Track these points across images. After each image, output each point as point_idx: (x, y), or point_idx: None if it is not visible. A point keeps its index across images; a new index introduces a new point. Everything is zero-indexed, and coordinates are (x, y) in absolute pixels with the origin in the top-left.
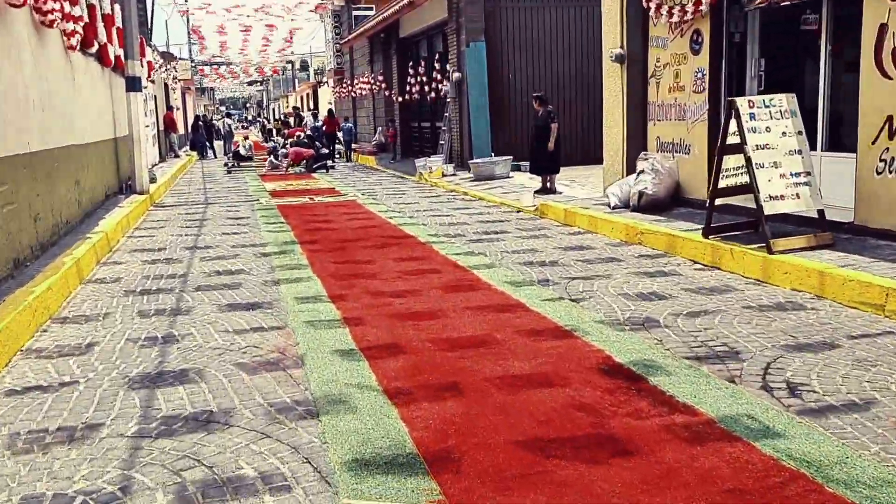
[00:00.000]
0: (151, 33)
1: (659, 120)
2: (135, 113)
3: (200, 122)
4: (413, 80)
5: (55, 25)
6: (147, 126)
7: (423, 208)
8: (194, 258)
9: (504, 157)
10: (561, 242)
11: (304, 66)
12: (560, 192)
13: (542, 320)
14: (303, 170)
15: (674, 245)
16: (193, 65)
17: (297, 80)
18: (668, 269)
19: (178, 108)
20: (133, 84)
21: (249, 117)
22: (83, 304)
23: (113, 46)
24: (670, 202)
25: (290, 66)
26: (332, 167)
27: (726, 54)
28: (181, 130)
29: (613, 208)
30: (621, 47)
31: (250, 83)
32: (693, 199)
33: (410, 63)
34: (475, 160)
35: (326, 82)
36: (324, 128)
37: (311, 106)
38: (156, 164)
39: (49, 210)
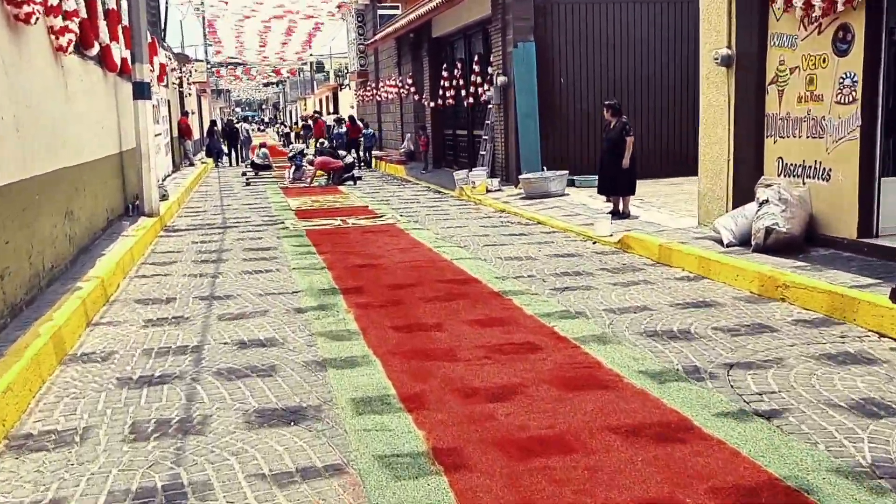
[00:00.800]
0: (165, 33)
1: (782, 136)
2: (143, 123)
3: (216, 127)
4: (447, 84)
5: (35, 21)
6: (159, 134)
7: (475, 234)
8: (210, 317)
9: (558, 173)
10: (673, 294)
11: (320, 68)
12: (635, 217)
13: (739, 463)
14: (328, 182)
15: (842, 308)
16: (209, 66)
17: (315, 83)
18: (864, 352)
19: (192, 112)
20: (141, 90)
21: (266, 119)
22: (55, 411)
23: (119, 47)
24: (803, 241)
25: (306, 66)
26: (359, 178)
27: (886, 56)
28: (196, 135)
29: (727, 246)
30: (728, 47)
31: (266, 84)
32: (834, 238)
33: (444, 66)
34: (526, 175)
35: (348, 85)
36: (348, 135)
37: (332, 109)
38: (169, 175)
39: (25, 259)
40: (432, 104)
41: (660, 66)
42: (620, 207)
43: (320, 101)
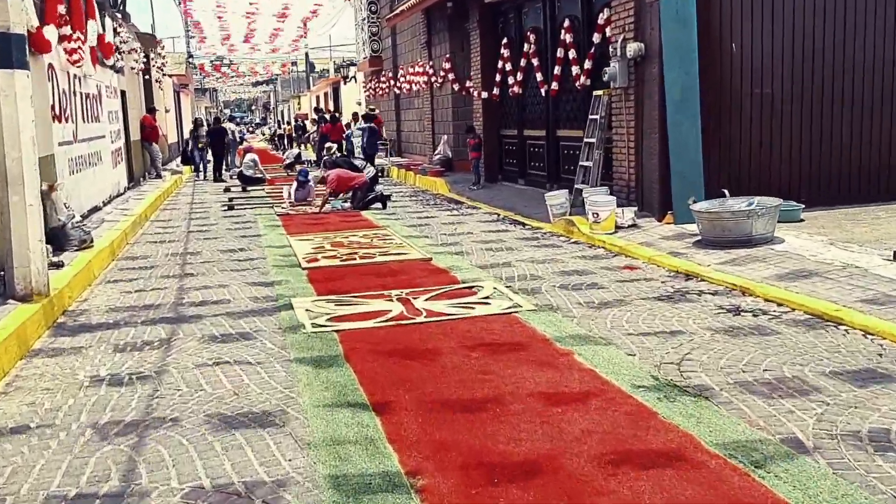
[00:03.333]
0: (123, 5)
1: None
2: (7, 118)
3: (202, 128)
4: (510, 67)
5: None
6: (103, 137)
7: (655, 331)
8: None
9: (768, 200)
10: None
11: (313, 68)
12: None
13: None
14: (344, 205)
15: None
16: (190, 59)
17: (311, 79)
18: None
19: (167, 111)
20: (6, 51)
21: (257, 120)
22: None
23: None
24: None
25: (300, 61)
26: (388, 197)
27: None
28: (173, 138)
29: None
30: None
31: (256, 84)
32: None
33: (505, 40)
34: (707, 207)
35: (353, 78)
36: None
37: (333, 108)
38: (120, 195)
39: None
40: (484, 95)
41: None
42: None
43: (318, 98)
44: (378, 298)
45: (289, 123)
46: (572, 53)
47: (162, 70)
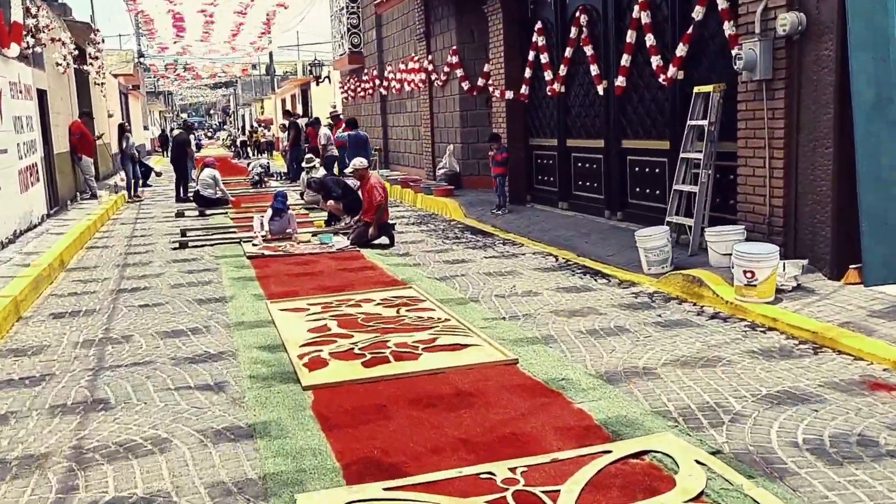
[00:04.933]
0: None
1: None
2: None
3: (129, 136)
4: (546, 59)
5: None
6: (3, 151)
7: None
8: None
9: None
10: None
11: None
12: None
13: None
14: (336, 241)
15: None
16: (142, 60)
17: (275, 80)
18: None
19: (110, 115)
20: None
21: (215, 125)
22: None
23: None
24: None
25: (264, 60)
26: (393, 227)
27: None
28: (115, 149)
29: None
30: None
31: (214, 86)
32: None
33: (539, 24)
34: None
35: (327, 77)
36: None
37: (303, 112)
38: (31, 227)
39: None
40: (508, 95)
41: None
42: None
43: (283, 101)
44: (461, 482)
45: (255, 130)
46: (651, 39)
47: (100, 67)
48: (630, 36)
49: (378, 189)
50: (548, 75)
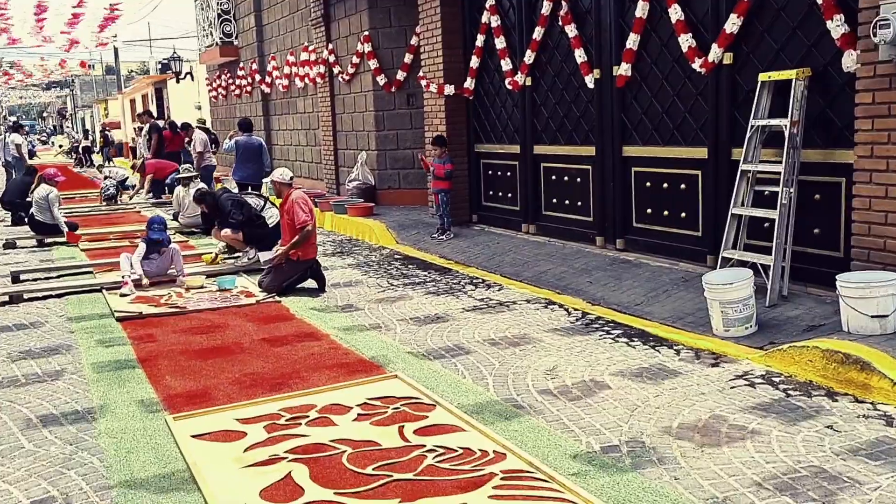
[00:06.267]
0: None
1: None
2: None
3: None
4: (503, 44)
5: None
6: None
7: None
8: None
9: None
10: None
11: (110, 70)
12: None
13: None
14: (235, 283)
15: None
16: None
17: (122, 79)
18: None
19: None
20: None
21: (49, 129)
22: None
23: None
24: None
25: (91, 69)
26: (321, 267)
27: None
28: None
29: None
30: None
31: (48, 87)
32: None
33: (491, 1)
34: None
35: (189, 74)
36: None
37: (157, 114)
38: None
39: None
40: (448, 90)
41: None
42: None
43: (132, 102)
44: None
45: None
46: (677, 12)
47: None
48: (641, 9)
49: (302, 207)
50: (506, 64)
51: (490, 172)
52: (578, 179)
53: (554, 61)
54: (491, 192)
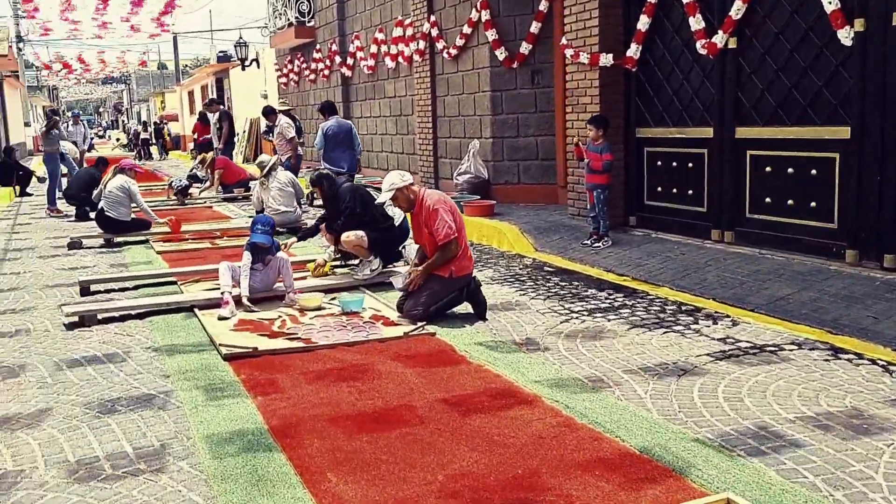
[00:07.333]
0: None
1: None
2: None
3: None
4: None
5: None
6: None
7: None
8: None
9: None
10: None
11: (163, 66)
12: None
13: None
14: (354, 304)
15: None
16: (21, 43)
17: (180, 71)
18: None
19: None
20: None
21: (105, 123)
22: None
23: None
24: None
25: (144, 67)
26: (480, 286)
27: None
28: None
29: None
30: None
31: (104, 82)
32: None
33: None
34: None
35: (255, 60)
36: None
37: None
38: None
39: None
40: (604, 60)
41: None
42: None
43: (190, 94)
44: None
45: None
46: None
47: None
48: None
49: (445, 212)
50: (696, 23)
51: (659, 163)
52: (814, 172)
53: (777, 13)
54: (660, 189)
